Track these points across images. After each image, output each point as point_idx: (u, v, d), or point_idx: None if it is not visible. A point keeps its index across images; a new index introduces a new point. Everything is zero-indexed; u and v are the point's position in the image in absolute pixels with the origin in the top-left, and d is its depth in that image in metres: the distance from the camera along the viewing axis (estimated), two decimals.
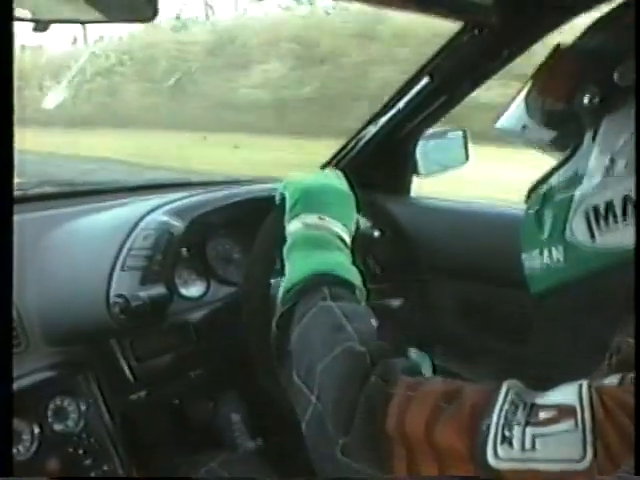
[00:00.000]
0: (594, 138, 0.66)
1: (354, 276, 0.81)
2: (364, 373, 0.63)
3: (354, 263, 0.84)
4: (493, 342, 0.99)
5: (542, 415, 0.54)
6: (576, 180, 0.67)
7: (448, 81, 1.43)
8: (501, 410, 0.55)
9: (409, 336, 1.18)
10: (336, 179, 0.94)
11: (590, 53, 0.68)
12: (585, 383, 0.55)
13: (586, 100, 0.65)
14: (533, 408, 0.55)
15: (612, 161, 0.63)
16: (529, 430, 0.53)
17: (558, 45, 0.72)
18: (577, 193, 0.66)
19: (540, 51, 0.90)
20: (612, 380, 0.56)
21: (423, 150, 1.61)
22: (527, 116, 0.76)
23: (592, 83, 0.65)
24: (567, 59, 0.71)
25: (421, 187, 1.69)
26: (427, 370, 0.88)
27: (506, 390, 0.57)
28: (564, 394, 0.55)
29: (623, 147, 0.63)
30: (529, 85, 0.75)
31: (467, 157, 1.64)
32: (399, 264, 1.34)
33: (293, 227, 0.86)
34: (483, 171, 3.10)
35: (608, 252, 0.63)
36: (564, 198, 0.68)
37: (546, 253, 0.70)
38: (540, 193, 0.72)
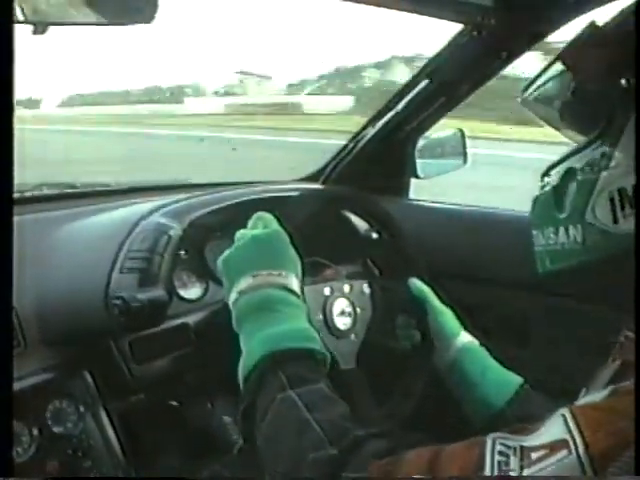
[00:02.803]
0: (626, 121, 0.63)
1: (309, 338, 0.76)
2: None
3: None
4: (493, 344, 0.99)
5: (534, 456, 0.53)
6: (603, 162, 0.64)
7: (447, 82, 1.43)
8: (493, 463, 0.54)
9: None
10: (259, 228, 0.87)
11: (628, 35, 0.65)
12: (567, 411, 0.54)
13: (623, 82, 0.63)
14: (524, 452, 0.54)
15: None
16: (526, 472, 0.52)
17: (593, 22, 0.69)
18: (603, 174, 0.64)
19: None
20: (602, 394, 0.55)
21: (422, 152, 1.61)
22: (556, 92, 0.73)
23: (630, 66, 0.63)
24: (604, 39, 0.68)
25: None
26: None
27: (492, 442, 0.56)
28: (551, 432, 0.54)
29: None
30: (560, 60, 0.71)
31: (465, 159, 1.64)
32: (397, 266, 1.34)
33: (232, 299, 0.80)
34: None
35: (630, 237, 0.61)
36: (588, 179, 0.65)
37: (562, 232, 0.68)
38: (561, 171, 0.70)
